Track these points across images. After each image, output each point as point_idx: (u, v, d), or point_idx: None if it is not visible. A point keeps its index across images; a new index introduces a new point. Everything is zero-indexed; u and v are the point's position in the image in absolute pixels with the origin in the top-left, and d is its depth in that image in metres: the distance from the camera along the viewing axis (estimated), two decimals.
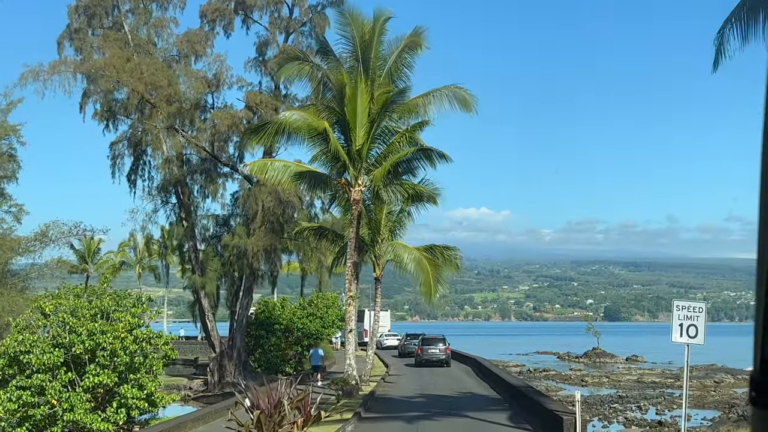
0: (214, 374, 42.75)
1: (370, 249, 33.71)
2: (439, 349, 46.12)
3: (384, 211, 33.33)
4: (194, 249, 42.83)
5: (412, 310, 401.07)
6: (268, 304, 53.06)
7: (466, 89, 30.01)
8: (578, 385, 52.57)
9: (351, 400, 25.90)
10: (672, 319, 16.37)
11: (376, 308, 33.79)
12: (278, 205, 38.04)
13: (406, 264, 31.76)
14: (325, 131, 26.39)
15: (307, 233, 33.36)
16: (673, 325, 16.34)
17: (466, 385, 33.80)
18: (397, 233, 34.29)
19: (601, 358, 78.36)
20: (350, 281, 27.70)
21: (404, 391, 30.47)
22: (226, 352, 42.82)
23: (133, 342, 24.52)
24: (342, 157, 27.21)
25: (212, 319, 43.36)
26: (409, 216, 34.16)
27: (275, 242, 39.42)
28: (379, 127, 27.47)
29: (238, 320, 43.27)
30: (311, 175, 28.04)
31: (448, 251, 33.92)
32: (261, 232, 38.05)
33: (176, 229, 43.42)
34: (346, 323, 27.83)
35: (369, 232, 33.73)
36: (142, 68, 37.07)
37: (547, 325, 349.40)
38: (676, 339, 16.28)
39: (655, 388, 49.97)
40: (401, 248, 32.34)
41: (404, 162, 27.68)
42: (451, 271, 33.99)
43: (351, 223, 28.05)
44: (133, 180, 44.83)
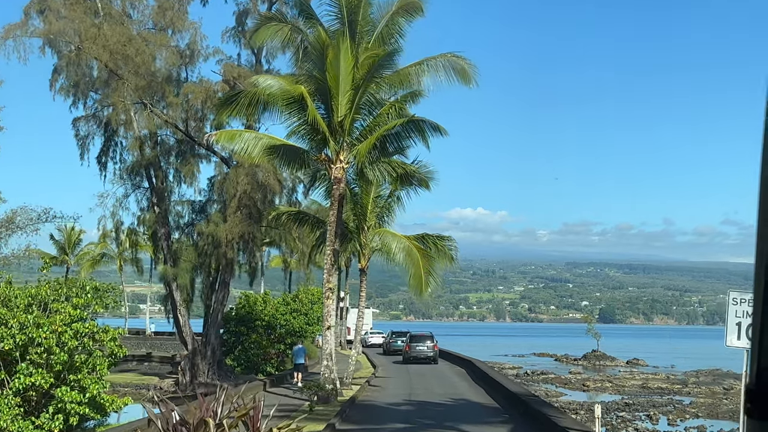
0: (185, 374, 39.27)
1: (354, 237, 30.22)
2: (426, 346, 45.71)
3: (371, 195, 29.83)
4: (167, 237, 39.31)
5: (406, 309, 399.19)
6: (249, 298, 49.54)
7: (465, 58, 26.53)
8: (579, 389, 49.20)
9: (327, 408, 22.44)
10: (727, 316, 12.73)
11: (360, 303, 30.22)
12: (256, 188, 34.55)
13: (395, 254, 28.25)
14: (302, 97, 22.89)
15: (286, 218, 29.79)
16: (728, 325, 12.65)
17: (460, 390, 30.37)
18: (386, 220, 30.78)
19: (600, 361, 75.08)
20: (329, 271, 24.22)
21: (390, 397, 27.03)
22: (199, 350, 39.34)
23: (74, 337, 21.02)
24: (321, 129, 23.72)
25: (185, 313, 39.86)
26: (399, 201, 30.67)
27: (253, 230, 35.94)
28: (365, 95, 23.95)
29: (213, 315, 39.81)
30: (286, 150, 24.53)
31: (441, 241, 30.39)
32: (236, 218, 34.55)
33: (147, 216, 39.90)
34: (323, 319, 24.36)
35: (354, 219, 30.25)
36: (106, 35, 33.51)
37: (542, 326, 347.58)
38: (733, 342, 12.54)
39: (662, 394, 46.63)
40: (389, 236, 28.83)
41: (392, 136, 24.19)
42: (444, 264, 30.45)
43: (331, 206, 24.56)
44: (103, 162, 41.39)
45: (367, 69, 23.57)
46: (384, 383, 33.78)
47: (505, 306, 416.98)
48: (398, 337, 57.37)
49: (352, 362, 29.41)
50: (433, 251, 29.92)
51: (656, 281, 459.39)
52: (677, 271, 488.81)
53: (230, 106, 25.15)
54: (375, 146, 24.09)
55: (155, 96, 35.62)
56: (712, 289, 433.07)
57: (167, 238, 39.42)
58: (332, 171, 24.43)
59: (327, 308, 24.21)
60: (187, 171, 37.06)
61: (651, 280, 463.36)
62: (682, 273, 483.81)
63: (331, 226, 24.29)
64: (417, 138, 24.39)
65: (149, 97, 35.37)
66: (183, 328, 39.51)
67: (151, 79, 35.02)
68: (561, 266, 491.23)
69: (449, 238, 30.63)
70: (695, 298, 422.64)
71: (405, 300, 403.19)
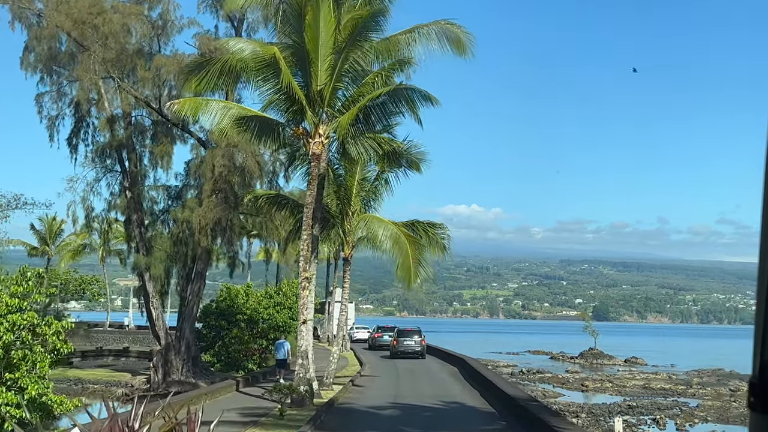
0: (158, 371, 36.56)
1: (337, 223, 27.54)
2: (414, 341, 45.45)
3: (356, 176, 27.14)
4: (139, 224, 36.56)
5: (400, 305, 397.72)
6: (230, 291, 46.89)
7: (460, 26, 23.95)
8: (578, 389, 46.67)
9: (301, 412, 19.81)
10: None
11: (343, 295, 27.48)
12: (233, 171, 31.85)
13: (381, 241, 25.57)
14: (275, 60, 20.16)
15: (262, 202, 27.03)
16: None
17: (452, 391, 27.76)
18: (373, 206, 28.11)
19: (598, 360, 72.60)
20: (306, 259, 21.54)
21: (375, 399, 24.42)
22: (173, 345, 36.63)
23: (9, 330, 18.35)
24: (298, 97, 21.00)
25: (158, 306, 37.15)
26: (387, 185, 27.97)
27: (231, 216, 33.24)
28: (347, 61, 21.24)
29: (188, 308, 37.12)
30: (260, 122, 21.82)
31: (433, 229, 27.71)
32: (211, 202, 31.84)
33: (119, 201, 37.18)
34: (299, 312, 21.72)
35: (337, 203, 27.56)
36: (71, 3, 30.72)
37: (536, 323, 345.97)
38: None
39: (665, 395, 44.12)
40: (376, 222, 26.13)
41: (378, 107, 21.51)
42: (436, 254, 27.77)
43: (309, 185, 21.88)
44: (74, 144, 38.61)
45: (350, 32, 20.89)
46: (369, 383, 31.16)
47: (499, 303, 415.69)
48: (384, 332, 56.83)
49: (333, 360, 26.74)
50: (423, 240, 27.27)
51: (650, 279, 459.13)
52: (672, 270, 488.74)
53: (199, 76, 22.43)
54: (358, 118, 21.43)
55: (125, 70, 32.85)
56: (706, 287, 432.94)
57: (140, 225, 36.68)
58: (310, 146, 21.74)
59: (303, 300, 21.54)
60: (160, 152, 34.27)
61: (645, 278, 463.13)
62: (677, 271, 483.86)
63: (308, 208, 21.60)
64: (406, 110, 21.75)
65: (118, 71, 32.61)
66: (156, 322, 36.81)
67: (120, 52, 32.25)
68: (555, 264, 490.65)
69: (441, 225, 27.96)
70: (689, 297, 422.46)
71: (399, 296, 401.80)
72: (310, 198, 21.61)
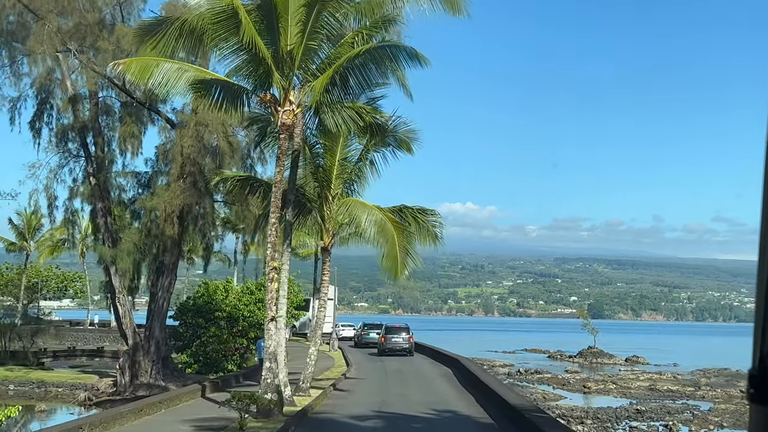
0: (124, 373, 33.48)
1: (315, 208, 24.48)
2: (402, 338, 44.60)
3: (337, 156, 24.07)
4: (104, 213, 33.45)
5: (395, 303, 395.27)
6: (208, 286, 43.85)
7: None
8: (580, 391, 43.78)
9: (266, 425, 16.81)
10: None
11: (321, 289, 24.41)
12: (203, 152, 28.81)
13: (364, 228, 22.54)
14: (234, 11, 17.12)
15: (232, 185, 23.96)
16: None
17: (444, 396, 24.79)
18: (356, 189, 25.06)
19: (598, 359, 69.72)
20: (274, 246, 18.50)
21: (357, 407, 21.45)
22: (141, 345, 33.57)
23: None
24: (263, 57, 17.93)
25: (125, 302, 34.06)
26: (372, 166, 24.90)
27: (202, 202, 30.21)
28: (322, 15, 18.17)
29: (157, 304, 34.05)
30: (220, 87, 18.76)
31: (423, 215, 24.65)
32: (178, 187, 28.77)
33: (82, 188, 34.12)
34: (267, 307, 18.71)
35: (315, 185, 24.50)
36: None
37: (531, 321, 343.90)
38: None
39: (674, 398, 41.25)
40: (358, 207, 23.08)
41: (358, 70, 18.44)
42: (427, 243, 24.71)
43: (278, 161, 18.85)
44: (37, 128, 35.57)
45: None
46: (354, 386, 28.17)
47: (494, 301, 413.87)
48: (370, 329, 55.80)
49: (310, 362, 23.68)
50: (413, 227, 24.23)
51: (645, 277, 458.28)
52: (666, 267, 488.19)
53: (155, 39, 19.32)
54: (334, 82, 18.41)
55: (85, 43, 29.74)
56: (701, 285, 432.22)
57: (105, 214, 33.58)
58: (279, 115, 18.71)
59: (270, 294, 18.50)
60: (124, 133, 31.13)
61: (640, 276, 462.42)
62: (671, 269, 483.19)
63: (276, 187, 18.56)
64: (390, 73, 18.79)
65: (78, 44, 29.51)
66: (123, 320, 33.73)
67: (78, 22, 29.18)
68: (550, 261, 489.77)
69: (433, 212, 24.90)
70: (684, 295, 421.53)
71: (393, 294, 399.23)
72: (278, 175, 18.57)
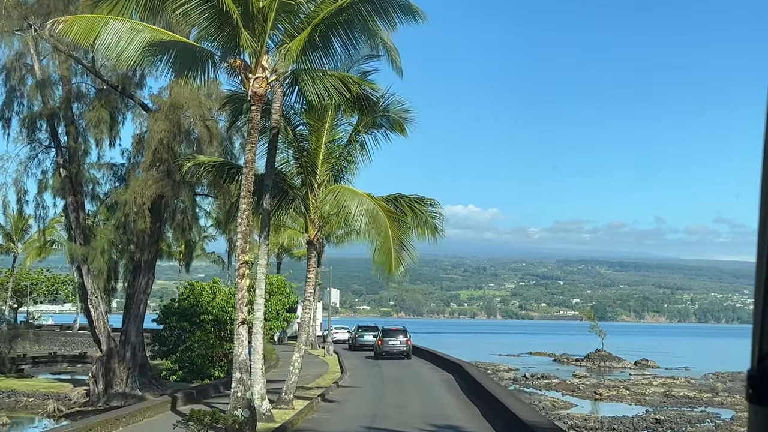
0: (97, 381, 30.77)
1: (298, 196, 21.74)
2: (399, 341, 43.49)
3: (323, 137, 21.33)
4: (76, 208, 30.76)
5: (397, 306, 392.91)
6: (194, 287, 41.18)
7: None
8: (591, 398, 40.98)
9: None
10: None
11: (307, 289, 21.54)
12: (178, 138, 26.12)
13: (354, 218, 19.82)
14: None
15: (206, 171, 21.22)
16: None
17: (446, 408, 22.05)
18: (345, 176, 22.33)
19: (606, 362, 66.87)
20: (245, 236, 15.80)
21: (345, 423, 18.72)
22: (116, 351, 30.86)
23: None
24: (230, 13, 15.22)
25: (98, 304, 31.32)
26: (363, 150, 22.17)
27: (179, 193, 27.51)
28: None
29: (134, 307, 31.36)
30: (180, 50, 16.03)
31: (421, 205, 21.86)
32: (150, 176, 26.09)
33: (52, 181, 31.45)
34: (236, 309, 16.00)
35: (299, 171, 21.76)
36: None
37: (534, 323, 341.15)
38: None
39: (692, 405, 38.48)
40: (347, 195, 20.34)
41: (341, 27, 15.73)
42: (425, 236, 21.91)
43: (249, 137, 16.15)
44: (6, 117, 32.96)
45: None
46: (345, 396, 25.43)
47: (496, 303, 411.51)
48: (365, 331, 54.34)
49: (293, 370, 20.90)
50: (409, 218, 21.46)
51: (647, 279, 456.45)
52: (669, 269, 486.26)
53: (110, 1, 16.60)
54: (314, 43, 15.73)
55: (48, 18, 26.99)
56: (703, 287, 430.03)
57: (77, 209, 30.89)
58: (250, 83, 16.02)
59: (241, 293, 15.79)
60: (92, 118, 28.36)
61: (642, 277, 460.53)
62: (674, 271, 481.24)
63: (247, 168, 15.84)
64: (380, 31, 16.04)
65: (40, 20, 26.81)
66: (96, 324, 31.01)
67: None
68: (552, 264, 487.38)
69: (432, 201, 22.11)
70: (687, 296, 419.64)
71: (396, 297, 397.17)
72: (250, 154, 15.87)
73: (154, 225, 30.26)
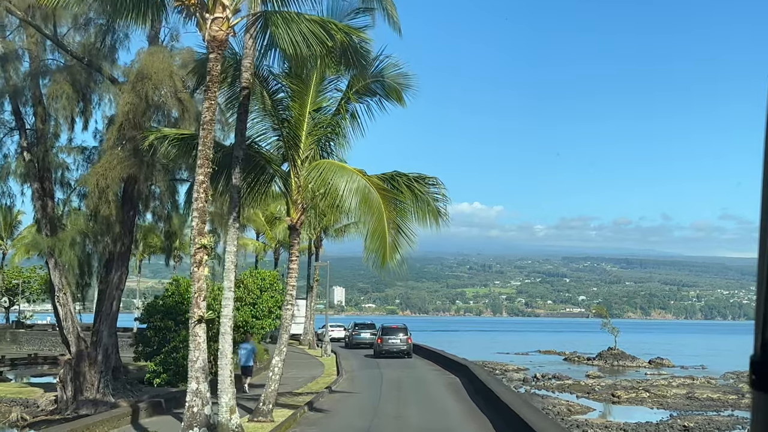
0: (66, 387, 27.80)
1: (278, 173, 18.70)
2: (400, 339, 42.40)
3: (307, 105, 18.23)
4: (42, 195, 27.80)
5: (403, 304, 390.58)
6: (179, 284, 38.17)
7: None
8: (608, 401, 37.89)
9: None
10: None
11: (289, 282, 18.41)
12: (147, 112, 23.09)
13: (343, 198, 16.81)
14: None
15: (168, 146, 18.16)
16: None
17: (452, 421, 18.99)
18: (333, 151, 19.28)
19: (619, 361, 63.65)
20: (202, 214, 12.80)
21: None
22: (86, 354, 27.89)
23: None
24: None
25: (67, 302, 28.33)
26: (354, 120, 19.13)
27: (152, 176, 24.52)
28: None
29: (106, 304, 28.40)
30: None
31: (422, 185, 18.73)
32: (115, 156, 23.09)
33: (15, 165, 28.52)
34: (192, 305, 13.05)
35: (280, 144, 18.71)
36: None
37: (541, 321, 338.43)
38: None
39: (717, 408, 35.42)
40: (335, 171, 17.28)
41: None
42: (427, 221, 18.81)
43: (207, 93, 13.16)
44: None
45: None
46: (337, 404, 22.41)
47: (502, 301, 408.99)
48: (361, 329, 53.53)
49: (273, 376, 17.88)
50: (407, 199, 18.37)
51: (653, 276, 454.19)
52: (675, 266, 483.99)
53: None
54: None
55: None
56: (710, 283, 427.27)
57: (44, 196, 27.92)
58: (207, 26, 13.04)
59: (197, 284, 12.81)
60: (52, 93, 25.35)
61: (648, 274, 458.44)
62: (680, 268, 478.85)
63: (205, 130, 12.84)
64: None
65: None
66: (64, 323, 28.03)
67: None
68: (558, 261, 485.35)
69: (435, 180, 18.98)
70: (693, 293, 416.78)
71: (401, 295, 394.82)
72: (207, 113, 12.88)
73: (126, 213, 27.31)
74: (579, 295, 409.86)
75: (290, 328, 18.74)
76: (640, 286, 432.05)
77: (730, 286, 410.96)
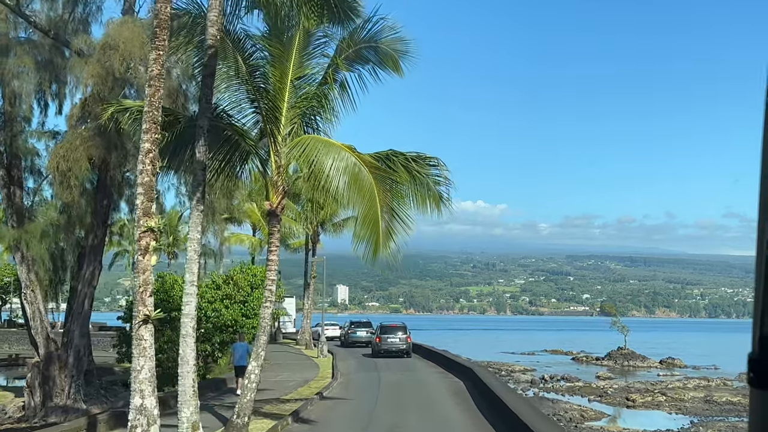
0: (34, 392, 25.44)
1: (252, 150, 16.28)
2: (398, 338, 41.58)
3: (289, 72, 15.78)
4: (9, 183, 25.46)
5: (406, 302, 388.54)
6: (165, 280, 35.89)
7: None
8: (622, 405, 35.42)
9: None
10: None
11: (268, 275, 15.97)
12: (116, 88, 20.70)
13: (330, 179, 14.45)
14: None
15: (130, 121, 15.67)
16: None
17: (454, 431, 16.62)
18: (318, 126, 16.88)
19: (629, 361, 61.17)
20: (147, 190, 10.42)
21: None
22: (56, 355, 25.55)
23: None
24: None
25: (36, 300, 25.95)
26: (343, 90, 16.73)
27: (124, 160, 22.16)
28: None
29: (77, 302, 26.06)
30: None
31: (421, 165, 16.30)
32: (78, 135, 20.73)
33: None
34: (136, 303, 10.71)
35: (259, 117, 16.32)
36: None
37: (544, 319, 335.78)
38: None
39: (738, 413, 32.98)
40: (320, 147, 14.89)
41: None
42: (427, 206, 16.36)
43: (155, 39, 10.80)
44: None
45: None
46: (327, 412, 20.02)
47: (506, 299, 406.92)
48: (357, 327, 52.91)
49: (249, 384, 15.47)
50: (405, 181, 15.93)
51: (657, 274, 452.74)
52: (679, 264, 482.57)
53: None
54: None
55: None
56: (713, 282, 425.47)
57: (10, 184, 25.57)
58: None
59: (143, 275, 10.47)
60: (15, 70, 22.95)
61: (652, 272, 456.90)
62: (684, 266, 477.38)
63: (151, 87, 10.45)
64: None
65: None
66: (32, 323, 25.66)
67: None
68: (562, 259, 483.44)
69: (435, 160, 16.53)
70: (697, 291, 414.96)
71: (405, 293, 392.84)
72: (155, 66, 10.51)
73: (100, 203, 24.98)
74: (583, 294, 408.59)
75: (268, 329, 16.32)
76: (644, 284, 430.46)
77: (734, 284, 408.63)
